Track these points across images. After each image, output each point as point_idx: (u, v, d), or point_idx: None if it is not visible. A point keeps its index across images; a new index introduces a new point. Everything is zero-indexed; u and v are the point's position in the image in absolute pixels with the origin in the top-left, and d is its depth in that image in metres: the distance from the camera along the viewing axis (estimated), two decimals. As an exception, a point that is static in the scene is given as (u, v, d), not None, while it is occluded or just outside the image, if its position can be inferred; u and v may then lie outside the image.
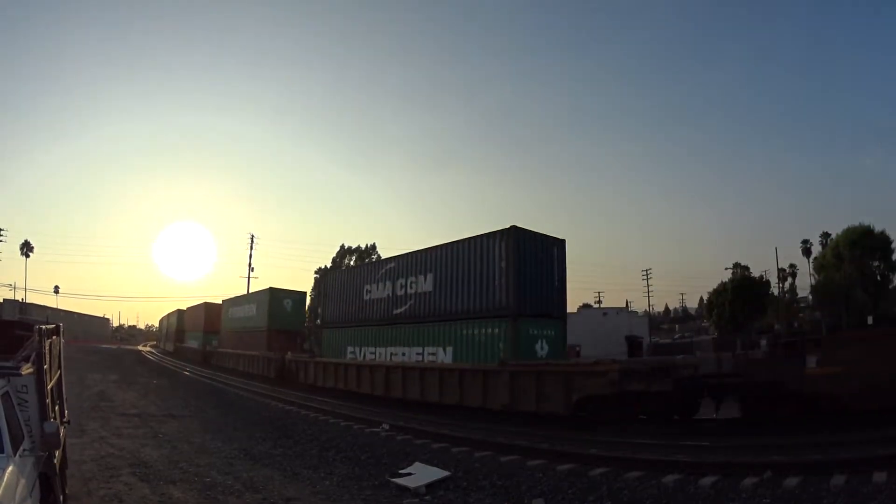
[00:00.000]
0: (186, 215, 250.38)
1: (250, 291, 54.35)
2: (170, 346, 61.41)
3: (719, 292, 60.59)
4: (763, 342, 32.95)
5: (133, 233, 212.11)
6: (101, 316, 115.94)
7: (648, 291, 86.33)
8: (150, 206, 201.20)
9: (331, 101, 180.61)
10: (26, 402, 4.96)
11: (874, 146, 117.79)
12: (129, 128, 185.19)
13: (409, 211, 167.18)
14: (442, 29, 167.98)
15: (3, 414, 4.36)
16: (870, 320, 42.02)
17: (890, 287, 50.37)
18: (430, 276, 22.27)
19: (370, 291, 25.93)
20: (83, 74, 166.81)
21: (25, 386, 4.96)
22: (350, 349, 26.12)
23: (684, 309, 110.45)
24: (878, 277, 50.27)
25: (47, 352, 5.44)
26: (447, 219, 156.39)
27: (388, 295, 24.53)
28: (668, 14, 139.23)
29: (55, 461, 5.36)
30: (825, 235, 65.06)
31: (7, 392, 4.65)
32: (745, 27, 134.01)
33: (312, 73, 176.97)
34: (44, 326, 5.57)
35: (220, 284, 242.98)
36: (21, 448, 4.50)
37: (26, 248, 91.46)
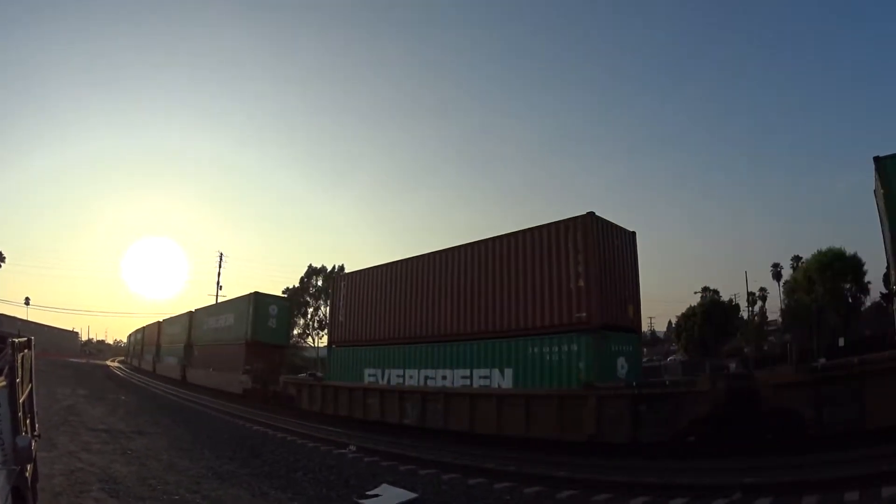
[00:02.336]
0: (156, 232, 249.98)
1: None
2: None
3: (688, 316, 61.19)
4: (732, 365, 33.38)
5: (103, 247, 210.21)
6: (71, 329, 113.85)
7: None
8: (120, 222, 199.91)
9: (303, 120, 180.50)
10: (-1, 415, 4.98)
11: (847, 170, 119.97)
12: (105, 142, 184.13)
13: (378, 232, 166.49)
14: (416, 47, 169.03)
15: None
16: (841, 342, 42.42)
17: (862, 309, 51.00)
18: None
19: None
20: (61, 87, 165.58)
21: None
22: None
23: (653, 332, 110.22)
24: (850, 300, 50.92)
25: (19, 365, 5.46)
26: (417, 240, 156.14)
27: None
28: (644, 34, 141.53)
29: (27, 475, 5.37)
30: (796, 259, 65.76)
31: (-21, 406, 4.67)
32: (719, 44, 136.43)
33: (287, 88, 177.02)
34: (16, 339, 5.60)
35: (187, 302, 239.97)
36: (-6, 461, 4.53)
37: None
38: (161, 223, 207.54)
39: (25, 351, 6.16)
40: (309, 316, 67.97)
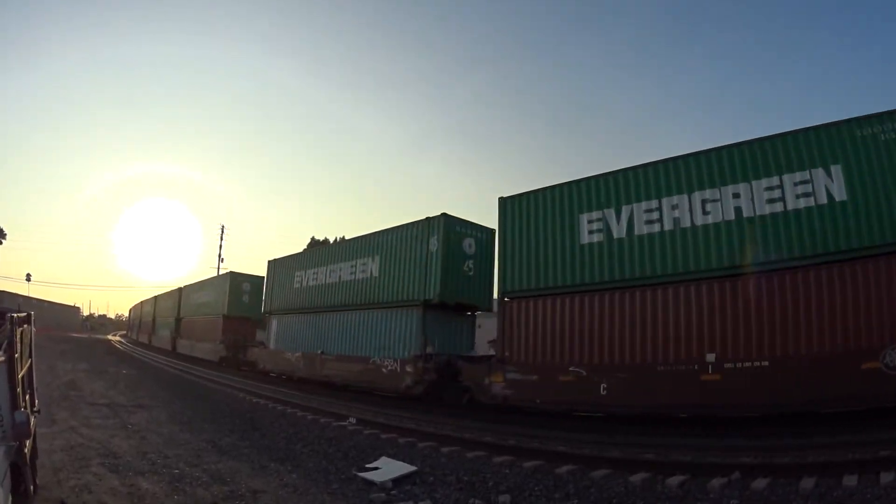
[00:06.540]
0: (156, 209, 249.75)
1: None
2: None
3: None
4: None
5: (104, 221, 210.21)
6: (72, 305, 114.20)
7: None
8: (119, 197, 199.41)
9: (306, 90, 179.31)
10: (-3, 391, 4.96)
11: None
12: (102, 113, 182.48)
13: (381, 204, 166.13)
14: (423, 25, 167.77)
15: None
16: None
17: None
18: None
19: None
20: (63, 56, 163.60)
21: None
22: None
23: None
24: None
25: (19, 340, 5.44)
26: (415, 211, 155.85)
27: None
28: (645, 12, 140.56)
29: (26, 451, 5.38)
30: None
31: (-23, 381, 4.66)
32: (736, 21, 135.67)
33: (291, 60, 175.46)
34: (15, 315, 5.58)
35: (190, 276, 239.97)
36: (-8, 437, 4.52)
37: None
38: (160, 197, 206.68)
39: (25, 326, 6.15)
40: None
